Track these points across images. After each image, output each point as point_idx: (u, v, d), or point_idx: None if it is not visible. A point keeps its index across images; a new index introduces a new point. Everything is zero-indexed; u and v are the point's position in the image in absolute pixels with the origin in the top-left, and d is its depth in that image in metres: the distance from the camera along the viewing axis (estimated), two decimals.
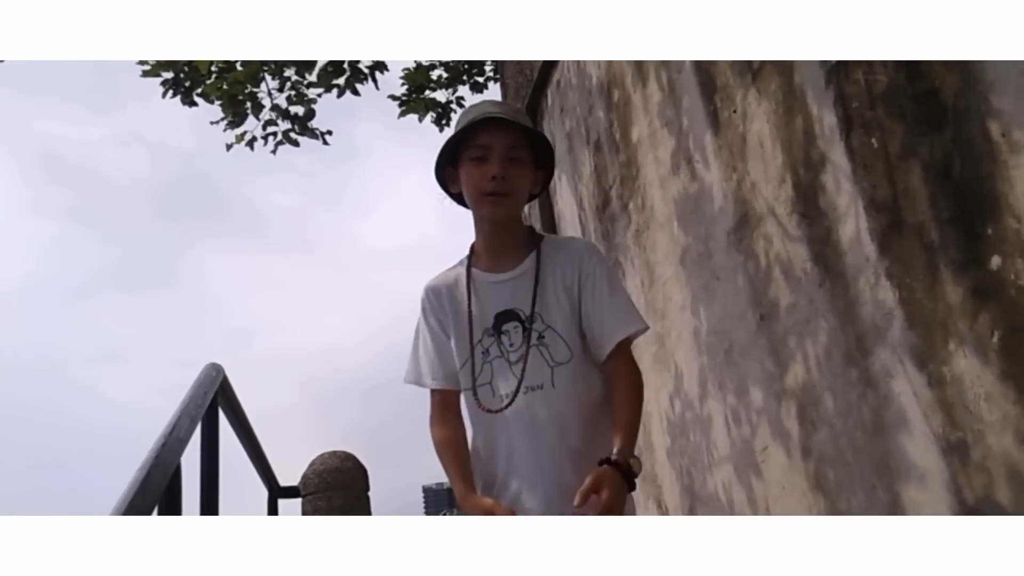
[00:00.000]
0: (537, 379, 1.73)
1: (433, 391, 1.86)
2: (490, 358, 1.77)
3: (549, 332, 1.75)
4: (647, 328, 1.81)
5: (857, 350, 2.08)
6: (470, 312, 1.80)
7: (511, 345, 1.76)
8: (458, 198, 1.86)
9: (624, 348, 1.77)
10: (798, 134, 2.24)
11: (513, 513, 1.63)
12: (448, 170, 1.83)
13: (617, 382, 1.74)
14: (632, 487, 1.62)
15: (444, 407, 1.85)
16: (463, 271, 1.86)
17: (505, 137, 1.74)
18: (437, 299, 1.86)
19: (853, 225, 2.04)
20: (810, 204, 2.22)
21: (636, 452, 3.42)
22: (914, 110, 1.84)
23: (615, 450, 1.62)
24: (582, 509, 1.54)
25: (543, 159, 1.82)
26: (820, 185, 2.16)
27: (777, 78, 2.33)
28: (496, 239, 1.83)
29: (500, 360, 1.76)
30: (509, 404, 1.73)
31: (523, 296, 1.78)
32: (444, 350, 1.84)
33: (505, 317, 1.78)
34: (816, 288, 2.22)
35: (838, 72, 2.06)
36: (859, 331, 2.07)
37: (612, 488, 1.54)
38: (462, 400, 1.84)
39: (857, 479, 2.13)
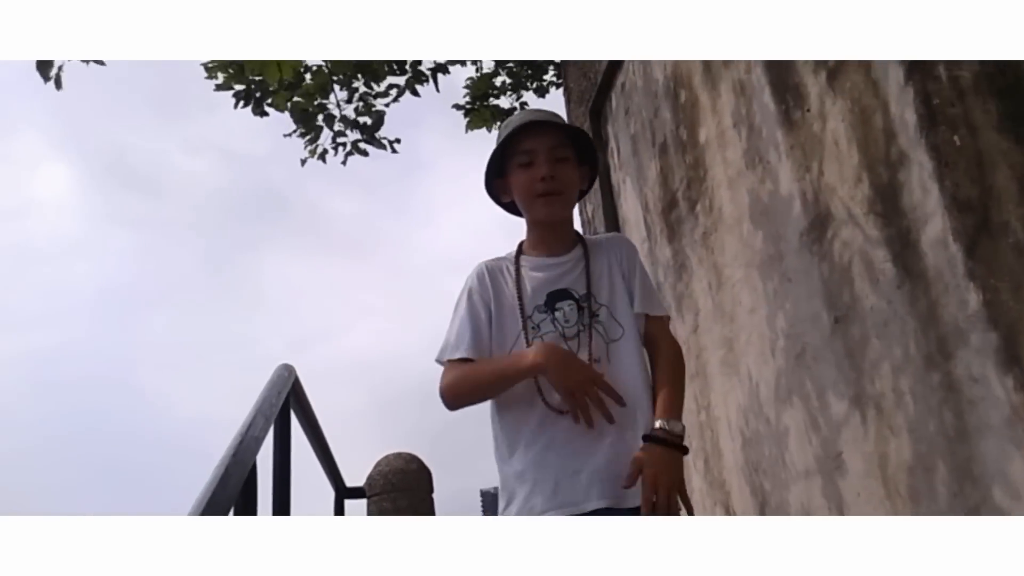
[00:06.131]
0: (596, 352, 1.76)
1: (455, 361, 1.79)
2: (541, 333, 1.79)
3: (603, 311, 1.80)
4: (669, 317, 1.94)
5: (938, 353, 2.02)
6: (519, 289, 1.83)
7: (566, 322, 1.79)
8: (510, 207, 1.93)
9: (662, 325, 1.86)
10: (876, 132, 2.19)
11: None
12: (497, 182, 1.89)
13: (656, 354, 1.83)
14: (682, 451, 1.68)
15: None
16: (511, 258, 1.91)
17: (548, 139, 1.80)
18: (484, 281, 1.88)
19: (935, 225, 1.99)
20: (889, 204, 2.17)
21: (704, 457, 3.36)
22: (1000, 105, 1.79)
23: (656, 424, 1.68)
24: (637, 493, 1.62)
25: (587, 156, 1.88)
26: (900, 184, 2.11)
27: (853, 76, 2.28)
28: (549, 236, 1.89)
29: (553, 335, 1.78)
30: None
31: (576, 278, 1.83)
32: (482, 327, 1.82)
33: (559, 296, 1.82)
34: (895, 290, 2.17)
35: (918, 68, 2.01)
36: (941, 334, 2.01)
37: (655, 465, 1.61)
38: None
39: (939, 486, 2.07)
